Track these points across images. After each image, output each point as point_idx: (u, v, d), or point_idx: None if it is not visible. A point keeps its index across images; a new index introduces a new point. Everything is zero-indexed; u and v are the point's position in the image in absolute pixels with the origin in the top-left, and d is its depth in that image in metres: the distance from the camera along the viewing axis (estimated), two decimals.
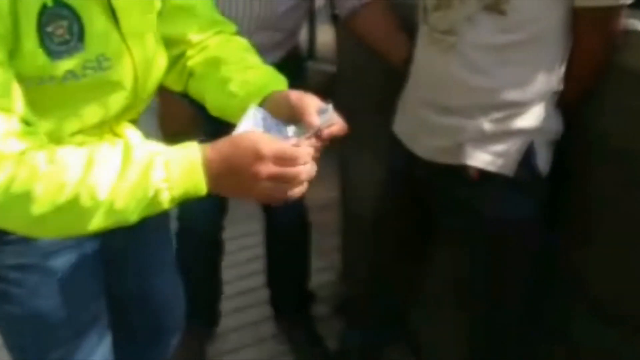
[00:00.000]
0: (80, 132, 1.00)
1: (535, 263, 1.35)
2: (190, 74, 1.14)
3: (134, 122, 1.16)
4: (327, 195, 2.50)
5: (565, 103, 1.24)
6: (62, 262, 1.11)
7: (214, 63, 1.10)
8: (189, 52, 1.14)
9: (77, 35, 0.93)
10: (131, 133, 1.13)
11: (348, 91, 2.06)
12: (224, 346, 2.15)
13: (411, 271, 1.59)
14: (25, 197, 0.81)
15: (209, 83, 1.09)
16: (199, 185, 0.84)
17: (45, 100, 0.93)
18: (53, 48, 0.91)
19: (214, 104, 1.08)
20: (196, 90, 1.13)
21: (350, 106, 1.89)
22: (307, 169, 0.86)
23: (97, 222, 0.83)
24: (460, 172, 1.27)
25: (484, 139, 1.24)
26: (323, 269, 2.42)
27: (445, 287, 1.70)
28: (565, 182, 1.31)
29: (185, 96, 1.18)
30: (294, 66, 1.61)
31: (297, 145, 0.88)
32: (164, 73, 1.11)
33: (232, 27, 1.18)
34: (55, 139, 0.94)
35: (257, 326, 2.23)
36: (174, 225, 1.92)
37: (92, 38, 0.95)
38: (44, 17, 0.89)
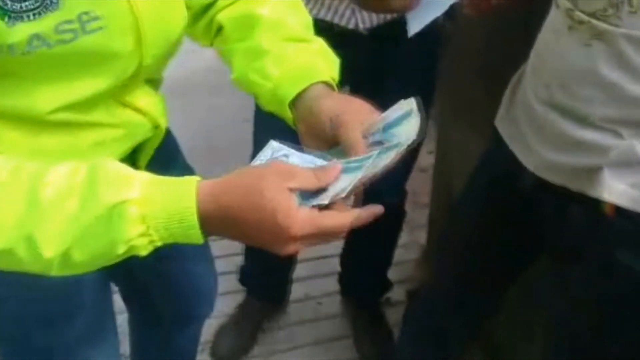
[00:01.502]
0: (63, 108, 0.75)
1: None
2: (219, 30, 0.89)
3: (155, 82, 0.91)
4: (424, 161, 2.20)
5: None
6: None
7: (248, 23, 0.85)
8: (221, 1, 0.88)
9: None
10: (146, 100, 0.88)
11: (448, 51, 1.72)
12: (283, 319, 1.96)
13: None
14: None
15: (239, 48, 0.86)
16: (193, 236, 0.63)
17: (6, 71, 0.69)
18: (11, 6, 0.64)
19: (241, 77, 0.85)
20: (223, 52, 0.89)
21: (449, 69, 1.59)
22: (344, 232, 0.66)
23: (55, 273, 0.63)
24: (590, 204, 0.94)
25: (632, 166, 0.90)
26: (405, 245, 2.14)
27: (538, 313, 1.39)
28: None
29: None
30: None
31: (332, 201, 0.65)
32: (181, 30, 0.84)
33: None
34: (24, 118, 0.74)
35: (319, 301, 2.01)
36: None
37: None
38: None
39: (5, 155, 0.65)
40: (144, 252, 0.64)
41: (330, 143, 0.74)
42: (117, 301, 1.18)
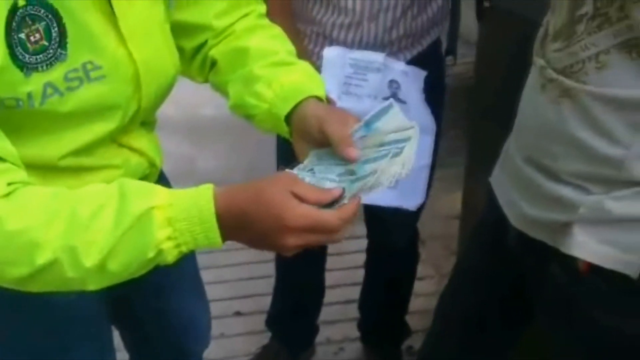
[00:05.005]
0: (71, 154, 0.85)
1: None
2: (213, 64, 0.98)
3: (150, 124, 0.99)
4: (457, 208, 2.21)
5: None
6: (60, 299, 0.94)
7: (240, 55, 0.95)
8: (212, 40, 0.98)
9: (57, 40, 0.76)
10: (142, 142, 0.96)
11: (482, 94, 1.75)
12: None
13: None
14: None
15: (233, 78, 0.95)
16: (213, 239, 0.72)
17: (24, 125, 0.79)
18: (26, 59, 0.75)
19: (237, 103, 0.94)
20: (218, 84, 0.99)
21: (483, 111, 1.61)
22: (342, 234, 0.74)
23: (91, 285, 0.73)
24: (564, 261, 0.94)
25: (602, 223, 0.90)
26: (435, 293, 2.13)
27: None
28: None
29: None
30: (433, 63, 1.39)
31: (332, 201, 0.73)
32: (175, 74, 0.93)
33: (262, 7, 0.99)
34: (41, 165, 0.81)
35: (341, 346, 2.02)
36: None
37: (78, 41, 0.78)
38: (15, 20, 0.73)
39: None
40: (170, 258, 0.73)
41: (318, 144, 0.82)
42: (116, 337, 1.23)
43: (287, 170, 0.79)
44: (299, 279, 1.79)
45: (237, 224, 0.72)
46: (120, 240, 0.70)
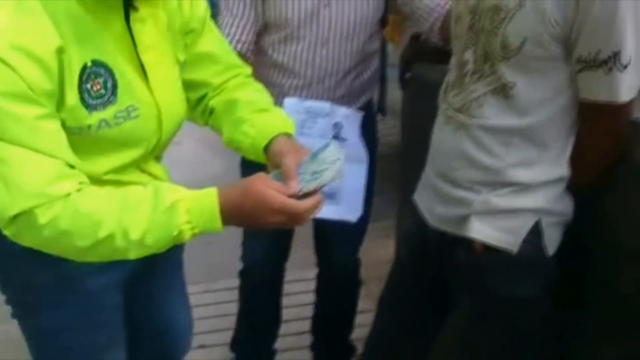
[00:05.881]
0: (112, 171, 1.15)
1: (541, 345, 1.32)
2: (211, 112, 1.31)
3: (158, 157, 1.30)
4: (390, 252, 2.56)
5: (574, 190, 1.24)
6: (92, 283, 1.24)
7: (231, 104, 1.28)
8: (211, 93, 1.31)
9: (111, 90, 1.07)
10: (156, 169, 1.27)
11: (411, 148, 2.12)
12: None
13: (421, 343, 1.54)
14: (69, 234, 0.99)
15: (226, 122, 1.28)
16: (216, 226, 1.03)
17: (83, 147, 1.07)
18: (90, 102, 1.05)
19: (229, 139, 1.27)
20: (215, 125, 1.32)
21: (411, 164, 1.98)
22: (309, 214, 1.07)
23: (132, 255, 1.02)
24: (466, 245, 1.29)
25: (490, 214, 1.26)
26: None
27: None
28: (574, 267, 1.28)
29: None
30: (367, 116, 1.77)
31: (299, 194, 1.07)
32: (184, 116, 1.26)
33: (248, 70, 1.34)
34: (92, 177, 1.08)
35: None
36: (238, 265, 2.07)
37: (124, 91, 1.09)
38: (84, 76, 1.03)
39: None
40: (186, 238, 1.02)
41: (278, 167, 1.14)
42: None
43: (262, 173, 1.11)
44: (259, 303, 2.08)
45: (233, 213, 1.03)
46: (155, 221, 1.00)
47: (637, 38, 1.08)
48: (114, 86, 1.07)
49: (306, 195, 1.07)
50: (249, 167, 1.33)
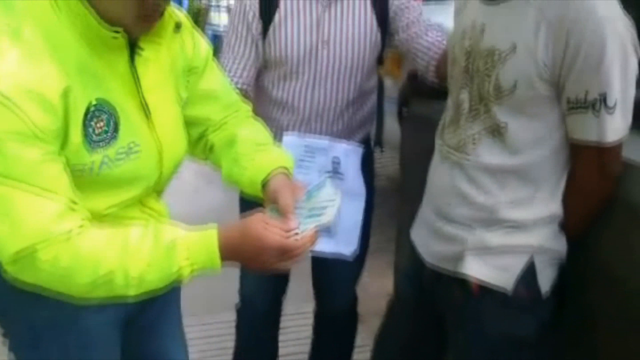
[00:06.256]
0: (113, 207, 1.15)
1: None
2: (211, 147, 1.34)
3: (160, 193, 1.32)
4: (387, 287, 2.56)
5: (567, 228, 1.26)
6: (92, 321, 1.23)
7: (231, 141, 1.30)
8: (211, 129, 1.34)
9: (113, 128, 1.09)
10: (157, 204, 1.28)
11: (409, 183, 2.14)
12: None
13: None
14: (70, 271, 1.00)
15: (225, 157, 1.31)
16: (215, 264, 1.05)
17: (85, 185, 1.08)
18: (93, 139, 1.07)
19: (228, 175, 1.30)
20: (215, 161, 1.35)
21: (410, 199, 2.00)
22: (304, 255, 1.08)
23: (131, 293, 1.03)
24: (462, 283, 1.30)
25: (484, 251, 1.28)
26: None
27: None
28: (569, 304, 1.29)
29: None
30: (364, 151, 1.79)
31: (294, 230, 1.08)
32: (185, 153, 1.28)
33: (248, 107, 1.38)
34: (93, 213, 1.09)
35: None
36: (234, 299, 2.08)
37: (125, 129, 1.11)
38: (89, 114, 1.05)
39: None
40: (186, 275, 1.04)
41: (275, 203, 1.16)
42: None
43: (260, 209, 1.14)
44: (256, 337, 2.09)
45: (232, 252, 1.06)
46: (155, 259, 1.02)
47: (623, 81, 1.12)
48: (116, 124, 1.09)
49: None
50: (247, 201, 1.35)
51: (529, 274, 1.25)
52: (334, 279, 1.99)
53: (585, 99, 1.13)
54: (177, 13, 1.21)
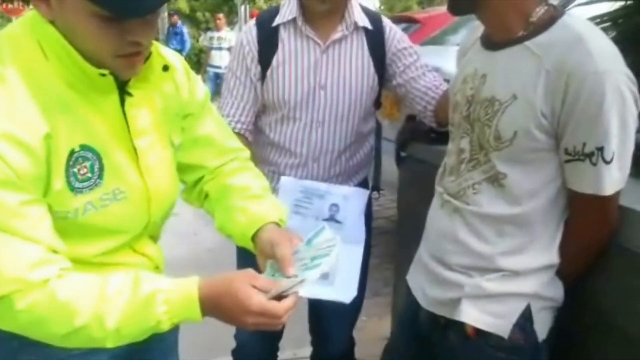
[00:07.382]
0: (102, 254, 1.13)
1: None
2: (206, 196, 1.32)
3: (154, 237, 1.29)
4: (385, 329, 2.53)
5: (564, 276, 1.25)
6: None
7: (224, 190, 1.28)
8: (207, 177, 1.32)
9: (97, 173, 1.07)
10: (150, 249, 1.26)
11: (407, 226, 2.13)
12: None
13: None
14: (45, 321, 0.98)
15: (219, 207, 1.29)
16: (195, 316, 1.01)
17: (70, 231, 1.05)
18: (77, 185, 1.04)
19: (221, 224, 1.27)
20: (209, 209, 1.33)
21: (408, 241, 1.99)
22: (283, 320, 1.03)
23: (109, 343, 1.01)
24: (458, 328, 1.28)
25: (481, 298, 1.27)
26: None
27: None
28: (567, 350, 1.27)
29: None
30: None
31: (279, 294, 1.02)
32: (176, 198, 1.26)
33: (247, 153, 1.35)
34: (81, 260, 1.08)
35: None
36: (231, 343, 2.05)
37: (110, 174, 1.08)
38: (71, 160, 1.03)
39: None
40: (165, 328, 1.00)
41: (271, 258, 1.13)
42: None
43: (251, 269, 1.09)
44: None
45: (213, 307, 1.02)
46: (132, 311, 0.98)
47: (622, 134, 1.11)
48: (101, 169, 1.07)
49: (282, 296, 1.04)
50: (244, 248, 1.34)
51: (525, 319, 1.23)
52: (331, 324, 1.96)
53: (582, 151, 1.13)
54: (166, 56, 1.20)
